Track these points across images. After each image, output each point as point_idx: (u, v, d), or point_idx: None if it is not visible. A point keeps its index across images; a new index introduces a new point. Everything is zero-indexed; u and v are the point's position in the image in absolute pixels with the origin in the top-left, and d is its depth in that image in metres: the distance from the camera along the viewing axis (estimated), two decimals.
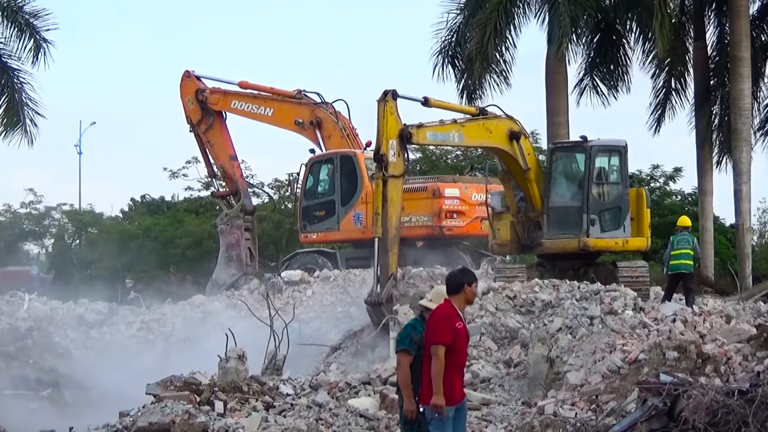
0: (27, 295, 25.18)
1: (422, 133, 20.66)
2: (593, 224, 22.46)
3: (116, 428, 13.27)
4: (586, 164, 22.74)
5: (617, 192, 23.03)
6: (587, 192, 22.61)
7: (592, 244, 22.41)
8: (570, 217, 22.67)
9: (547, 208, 22.72)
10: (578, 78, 33.34)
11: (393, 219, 19.75)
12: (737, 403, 10.35)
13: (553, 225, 22.72)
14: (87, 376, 20.02)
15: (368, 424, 13.33)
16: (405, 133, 19.95)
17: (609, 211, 22.92)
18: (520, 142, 22.11)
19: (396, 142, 19.81)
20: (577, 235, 22.42)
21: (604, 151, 23.30)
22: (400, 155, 19.85)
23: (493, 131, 21.90)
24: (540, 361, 15.93)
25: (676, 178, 44.73)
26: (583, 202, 22.59)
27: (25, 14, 30.40)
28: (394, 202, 19.76)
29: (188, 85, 29.89)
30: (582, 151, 23.00)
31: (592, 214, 22.49)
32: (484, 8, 31.03)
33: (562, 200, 22.88)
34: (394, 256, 19.62)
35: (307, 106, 28.50)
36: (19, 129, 30.65)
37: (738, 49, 30.98)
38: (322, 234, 28.03)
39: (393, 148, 19.72)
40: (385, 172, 19.64)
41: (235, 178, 30.48)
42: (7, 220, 51.56)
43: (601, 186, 22.99)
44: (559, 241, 22.64)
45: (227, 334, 16.51)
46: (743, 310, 18.57)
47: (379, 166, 19.75)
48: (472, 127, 21.70)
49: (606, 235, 22.55)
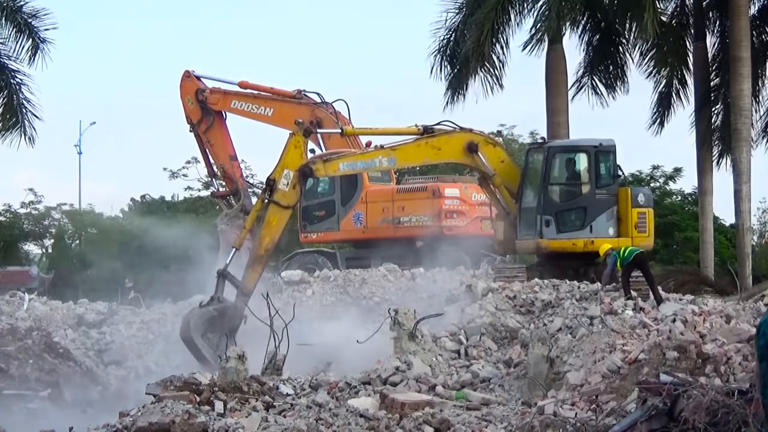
0: (27, 295, 25.14)
1: (332, 166, 20.84)
2: (547, 225, 22.45)
3: (116, 428, 13.26)
4: (543, 165, 22.76)
5: (583, 192, 22.88)
6: (542, 193, 22.62)
7: (544, 245, 22.42)
8: (530, 218, 22.75)
9: (519, 209, 22.84)
10: (576, 77, 33.44)
11: (265, 240, 20.16)
12: (737, 403, 10.35)
13: (522, 226, 22.85)
14: (87, 376, 20.01)
15: (368, 424, 13.32)
16: (305, 169, 20.21)
17: (570, 212, 22.82)
18: (479, 153, 22.13)
19: (293, 174, 20.06)
20: (533, 236, 22.50)
21: (566, 151, 23.25)
22: (295, 188, 20.07)
23: (443, 147, 21.88)
24: (540, 361, 15.94)
25: (676, 178, 44.86)
26: (538, 203, 22.63)
27: (24, 14, 30.40)
28: (271, 226, 20.16)
29: (188, 85, 29.86)
30: (542, 153, 23.03)
31: (546, 215, 22.48)
32: (482, 7, 31.08)
33: (526, 201, 22.98)
34: (255, 274, 19.96)
35: (307, 106, 28.47)
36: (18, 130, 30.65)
37: (738, 49, 30.99)
38: (322, 234, 28.06)
39: (287, 178, 19.99)
40: (269, 197, 20.03)
41: (235, 178, 30.45)
42: (7, 220, 51.57)
43: (559, 187, 22.94)
44: (524, 242, 22.78)
45: (227, 334, 16.51)
46: (743, 310, 18.56)
47: (266, 189, 20.16)
48: (409, 149, 21.62)
49: (563, 236, 22.48)
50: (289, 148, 20.26)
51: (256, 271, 20.01)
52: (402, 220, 26.77)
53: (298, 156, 20.27)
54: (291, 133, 20.39)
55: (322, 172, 20.80)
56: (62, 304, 24.85)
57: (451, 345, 18.24)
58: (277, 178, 20.12)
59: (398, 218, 26.83)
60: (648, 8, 29.59)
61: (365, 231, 27.31)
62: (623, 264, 18.62)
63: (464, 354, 18.00)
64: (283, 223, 20.32)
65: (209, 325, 19.40)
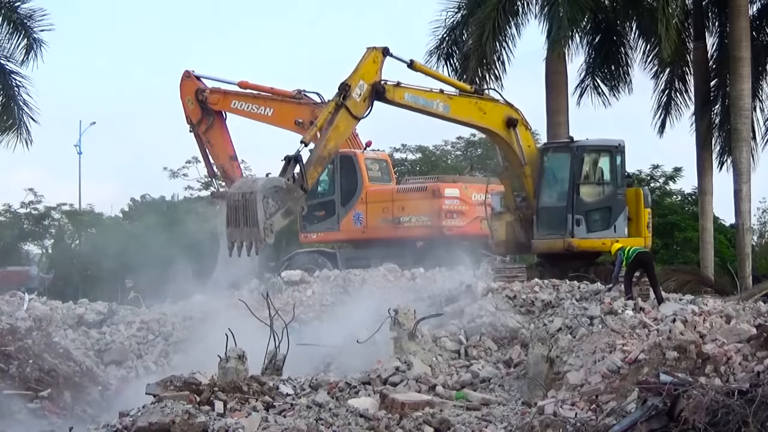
0: (27, 295, 25.12)
1: (399, 92, 20.84)
2: (578, 224, 22.44)
3: (116, 428, 13.27)
4: (572, 164, 22.74)
5: (607, 192, 22.96)
6: (572, 192, 22.61)
7: (576, 245, 22.41)
8: (553, 217, 22.71)
9: (537, 207, 22.78)
10: (579, 78, 33.43)
11: (330, 143, 20.16)
12: (737, 403, 10.35)
13: (542, 225, 22.79)
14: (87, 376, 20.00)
15: (368, 424, 13.33)
16: (378, 86, 20.27)
17: (597, 211, 22.86)
18: (516, 130, 22.09)
19: (367, 87, 20.11)
20: (562, 235, 22.46)
21: (593, 151, 23.28)
22: (365, 102, 20.10)
23: (488, 112, 21.91)
24: (540, 361, 15.94)
25: (676, 178, 44.81)
26: (568, 202, 22.60)
27: (19, 15, 30.44)
28: (338, 130, 20.14)
29: (188, 85, 29.86)
30: (568, 152, 23.01)
31: (578, 214, 22.47)
32: (483, 7, 31.05)
33: (549, 200, 22.92)
34: (315, 173, 20.13)
35: (307, 106, 28.46)
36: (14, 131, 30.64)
37: (738, 49, 30.99)
38: (322, 234, 28.05)
39: (361, 89, 20.02)
40: (343, 100, 19.98)
41: (235, 178, 30.42)
42: (7, 220, 51.55)
43: (588, 186, 22.96)
44: (547, 241, 22.72)
45: (227, 334, 16.51)
46: (743, 310, 18.55)
47: (339, 93, 20.08)
48: (462, 101, 21.72)
49: (593, 236, 22.50)
50: (367, 61, 20.29)
51: (316, 170, 20.14)
52: (402, 220, 26.76)
53: (374, 71, 20.29)
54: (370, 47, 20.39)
55: (391, 94, 20.75)
56: (62, 304, 24.83)
57: (451, 345, 18.23)
58: (352, 85, 20.11)
59: (398, 218, 26.82)
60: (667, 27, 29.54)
61: (365, 231, 27.30)
62: (627, 263, 18.64)
63: (464, 354, 18.00)
64: (350, 131, 20.50)
65: (274, 193, 19.47)
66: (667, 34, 29.67)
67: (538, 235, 22.79)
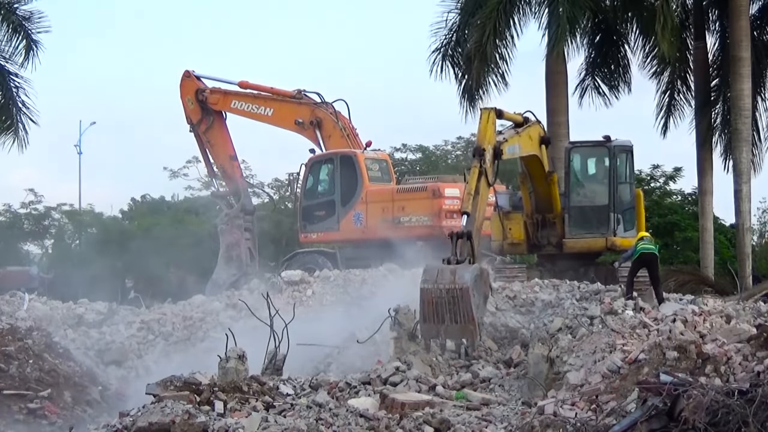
0: (27, 295, 25.15)
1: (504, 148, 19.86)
2: (619, 223, 22.71)
3: (116, 428, 13.26)
4: (611, 164, 22.99)
5: (630, 191, 23.37)
6: (614, 191, 22.83)
7: (619, 243, 22.61)
8: (595, 217, 22.83)
9: (568, 207, 22.83)
10: (579, 78, 33.42)
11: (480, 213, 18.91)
12: (737, 403, 10.35)
13: (575, 225, 22.85)
14: (87, 376, 20.01)
15: (368, 424, 13.33)
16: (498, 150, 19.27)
17: (628, 210, 23.22)
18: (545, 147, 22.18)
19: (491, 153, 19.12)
20: (604, 234, 22.60)
21: (623, 151, 23.59)
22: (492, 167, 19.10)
23: (533, 138, 21.77)
24: (540, 361, 15.94)
25: (676, 178, 44.79)
26: (610, 201, 22.80)
27: (18, 16, 30.51)
28: (483, 199, 18.98)
29: (188, 85, 29.91)
30: (605, 151, 23.18)
31: (618, 212, 22.76)
32: (484, 8, 31.05)
33: (585, 200, 23.04)
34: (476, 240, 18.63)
35: (307, 106, 28.52)
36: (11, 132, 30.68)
37: (738, 49, 30.99)
38: (322, 234, 28.03)
39: (489, 154, 18.99)
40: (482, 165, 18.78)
41: (235, 178, 30.50)
42: (7, 220, 51.55)
43: (622, 185, 23.27)
44: (584, 241, 22.77)
45: (227, 334, 16.50)
46: (743, 310, 18.54)
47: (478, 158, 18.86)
48: (523, 138, 21.23)
49: (628, 234, 22.80)
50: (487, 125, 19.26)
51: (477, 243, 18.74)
52: (402, 220, 26.74)
53: (492, 134, 19.34)
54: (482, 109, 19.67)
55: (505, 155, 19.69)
56: (62, 304, 24.85)
57: (451, 345, 18.23)
58: (486, 148, 18.94)
59: (398, 218, 26.80)
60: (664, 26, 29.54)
61: (365, 231, 27.29)
62: (633, 260, 18.67)
63: (464, 354, 17.98)
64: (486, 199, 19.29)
65: (474, 283, 17.81)
66: (663, 34, 29.65)
67: (570, 235, 22.86)
